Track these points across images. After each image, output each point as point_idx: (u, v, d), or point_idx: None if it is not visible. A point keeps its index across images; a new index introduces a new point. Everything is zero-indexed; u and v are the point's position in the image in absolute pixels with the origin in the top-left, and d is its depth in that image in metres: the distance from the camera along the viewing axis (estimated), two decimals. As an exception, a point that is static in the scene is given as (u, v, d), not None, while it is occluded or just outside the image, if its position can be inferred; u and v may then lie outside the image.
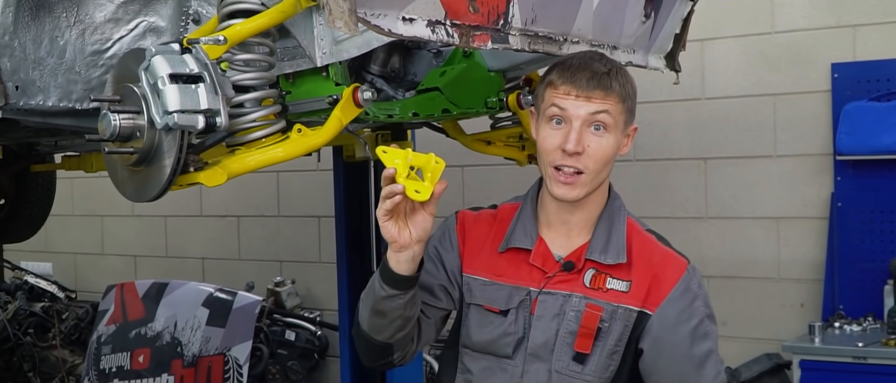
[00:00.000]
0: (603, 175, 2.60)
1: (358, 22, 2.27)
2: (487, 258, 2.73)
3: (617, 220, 2.68)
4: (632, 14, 3.31)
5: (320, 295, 7.31)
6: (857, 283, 5.38)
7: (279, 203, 7.47)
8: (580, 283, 2.62)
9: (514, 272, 2.68)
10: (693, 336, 2.60)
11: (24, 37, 2.89)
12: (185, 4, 3.04)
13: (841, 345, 4.86)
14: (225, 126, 2.48)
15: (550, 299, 2.63)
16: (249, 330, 6.38)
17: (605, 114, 2.53)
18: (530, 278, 2.66)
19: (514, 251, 2.70)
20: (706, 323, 2.63)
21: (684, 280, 2.63)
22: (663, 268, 2.65)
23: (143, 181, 2.61)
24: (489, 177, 6.30)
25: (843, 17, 5.50)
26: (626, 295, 2.61)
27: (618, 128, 2.57)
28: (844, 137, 5.32)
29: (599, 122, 2.54)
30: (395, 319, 2.57)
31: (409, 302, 2.54)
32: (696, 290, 2.65)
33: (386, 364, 2.73)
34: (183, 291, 6.76)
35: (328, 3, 2.26)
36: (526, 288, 2.66)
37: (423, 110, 3.43)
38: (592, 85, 2.53)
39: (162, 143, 2.52)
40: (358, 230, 5.23)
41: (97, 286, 7.88)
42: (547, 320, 2.62)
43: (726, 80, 5.72)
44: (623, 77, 2.59)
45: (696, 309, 2.63)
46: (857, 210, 5.40)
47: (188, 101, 2.41)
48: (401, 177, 2.34)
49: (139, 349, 6.68)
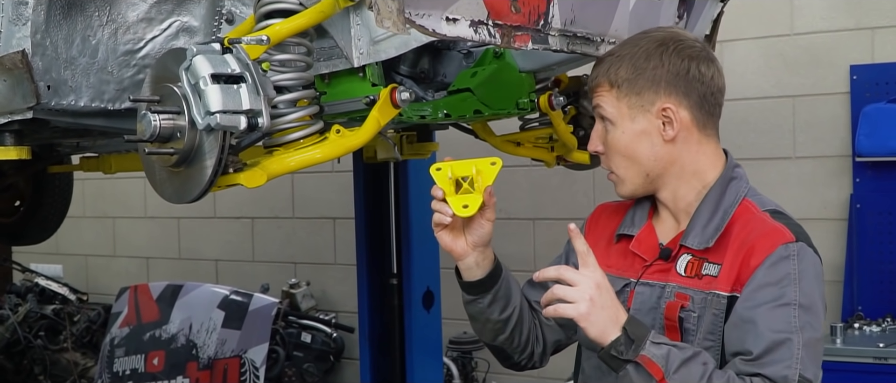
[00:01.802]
0: (642, 166, 2.43)
1: (405, 22, 2.25)
2: (604, 248, 2.58)
3: (726, 201, 2.42)
4: (666, 14, 3.30)
5: (335, 298, 7.29)
6: (876, 284, 5.35)
7: (294, 204, 7.46)
8: (675, 272, 2.41)
9: (621, 262, 2.54)
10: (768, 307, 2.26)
11: (56, 36, 2.86)
12: (218, 4, 3.03)
13: (862, 346, 4.83)
14: (267, 126, 2.46)
15: (647, 291, 2.44)
16: (266, 332, 6.36)
17: (600, 107, 2.45)
18: (631, 268, 2.50)
19: (625, 240, 2.56)
20: (792, 310, 2.25)
21: (777, 254, 2.28)
22: (759, 241, 2.31)
23: (184, 182, 2.59)
24: (506, 179, 6.28)
25: (862, 20, 5.48)
26: (717, 280, 2.33)
27: (623, 117, 2.42)
28: (863, 139, 5.31)
29: (602, 117, 2.46)
30: (486, 322, 2.56)
31: (492, 305, 2.52)
32: (791, 270, 2.27)
33: (514, 365, 2.70)
34: (198, 293, 6.74)
35: (376, 3, 2.25)
36: (625, 279, 2.49)
37: (454, 111, 3.42)
38: (591, 78, 2.48)
39: (203, 144, 2.49)
40: (379, 232, 5.22)
41: (109, 288, 7.87)
42: (643, 314, 2.41)
43: (745, 81, 5.71)
44: (617, 60, 2.43)
45: (784, 292, 2.26)
46: (876, 211, 5.38)
47: (230, 102, 2.39)
48: (449, 195, 2.34)
49: (154, 351, 6.66)
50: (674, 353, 2.20)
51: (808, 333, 2.24)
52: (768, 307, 2.24)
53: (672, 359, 2.19)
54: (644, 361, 2.18)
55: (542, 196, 6.33)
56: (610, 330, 2.21)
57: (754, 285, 2.27)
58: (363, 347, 5.30)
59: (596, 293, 2.21)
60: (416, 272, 5.12)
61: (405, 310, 5.16)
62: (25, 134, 3.15)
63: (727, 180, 2.46)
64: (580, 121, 3.98)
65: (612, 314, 2.22)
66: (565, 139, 3.84)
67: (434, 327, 5.25)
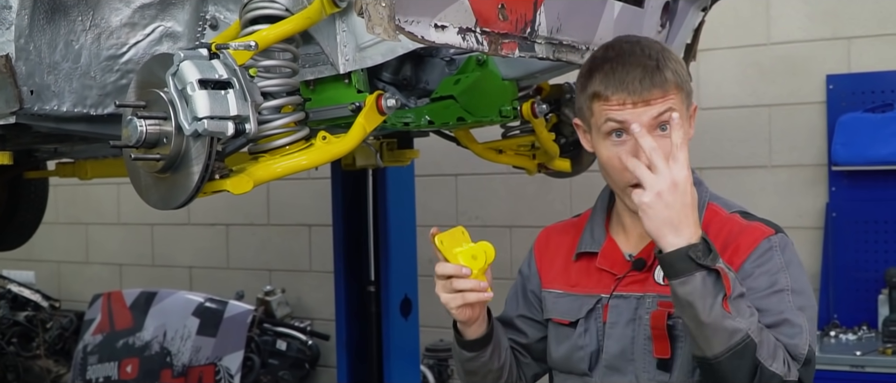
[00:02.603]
0: None
1: (396, 29, 2.25)
2: (562, 269, 2.59)
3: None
4: (649, 23, 3.31)
5: (311, 305, 7.27)
6: (852, 293, 5.40)
7: (269, 211, 7.43)
8: (653, 282, 2.39)
9: (587, 280, 2.51)
10: (764, 294, 2.27)
11: (40, 40, 2.84)
12: (202, 10, 3.02)
13: (838, 354, 4.87)
14: (254, 132, 2.46)
15: (623, 303, 2.42)
16: (241, 339, 6.35)
17: (670, 111, 2.28)
18: (600, 284, 2.47)
19: (585, 258, 2.54)
20: (787, 295, 2.28)
21: (762, 247, 2.33)
22: (741, 239, 2.35)
23: (169, 188, 2.57)
24: (484, 187, 6.31)
25: (839, 29, 5.53)
26: None
27: (684, 119, 2.31)
28: (840, 148, 5.34)
29: (665, 122, 2.29)
30: (487, 373, 2.56)
31: (493, 355, 2.52)
32: (778, 260, 2.32)
33: None
34: (172, 300, 6.73)
35: (368, 10, 2.24)
36: (596, 296, 2.47)
37: (438, 118, 3.41)
38: (647, 85, 2.29)
39: (190, 150, 2.47)
40: (356, 239, 5.21)
41: (81, 295, 7.83)
42: (621, 327, 2.41)
43: (722, 90, 5.73)
44: (672, 59, 2.35)
45: (776, 279, 2.29)
46: (852, 220, 5.42)
47: (218, 107, 2.38)
48: (479, 273, 2.34)
49: (127, 359, 6.64)
50: (736, 281, 2.16)
51: (808, 312, 2.29)
52: (764, 294, 2.26)
53: (736, 285, 2.15)
54: (722, 272, 2.13)
55: (518, 204, 6.33)
56: (666, 233, 2.13)
57: (745, 278, 2.27)
58: (340, 354, 5.28)
59: (668, 190, 2.13)
60: (394, 279, 5.11)
61: (383, 318, 5.14)
62: (7, 139, 3.13)
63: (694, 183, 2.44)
64: (561, 129, 3.98)
65: (675, 217, 2.13)
66: (547, 147, 3.84)
67: (412, 334, 5.24)
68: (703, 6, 3.73)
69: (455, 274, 2.31)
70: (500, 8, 2.58)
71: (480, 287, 2.32)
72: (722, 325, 2.11)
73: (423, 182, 5.29)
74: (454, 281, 2.32)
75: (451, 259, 2.33)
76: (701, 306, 2.10)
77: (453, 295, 2.34)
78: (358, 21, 2.62)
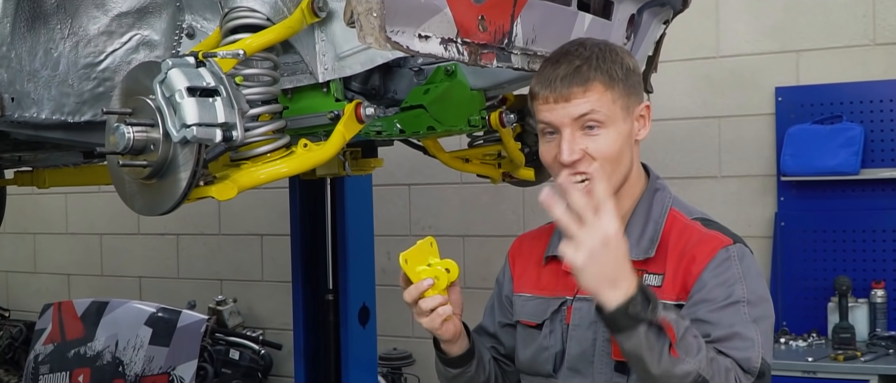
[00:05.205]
0: (619, 172, 2.38)
1: (387, 39, 2.30)
2: (533, 273, 2.61)
3: (654, 211, 2.44)
4: (616, 35, 3.39)
5: (263, 314, 7.28)
6: (801, 301, 5.52)
7: (220, 221, 7.43)
8: None
9: (554, 283, 2.53)
10: (718, 306, 2.28)
11: (21, 48, 2.86)
12: (179, 19, 3.05)
13: (790, 360, 4.97)
14: (241, 139, 2.49)
15: (585, 306, 2.41)
16: (195, 349, 6.30)
17: (591, 111, 2.30)
18: (566, 286, 2.48)
19: (554, 262, 2.54)
20: (742, 307, 2.28)
21: (719, 257, 2.31)
22: (698, 248, 2.33)
23: (155, 195, 2.59)
24: (437, 196, 6.36)
25: (787, 43, 5.65)
26: (660, 290, 2.32)
27: (616, 119, 2.33)
28: (788, 159, 5.46)
29: (590, 121, 2.31)
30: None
31: (478, 368, 2.57)
32: (735, 271, 2.31)
33: None
34: (124, 310, 6.66)
35: (360, 20, 2.29)
36: (561, 298, 2.50)
37: (408, 127, 3.46)
38: (567, 83, 2.30)
39: (177, 157, 2.50)
40: (314, 248, 5.23)
41: (29, 305, 7.78)
42: (583, 329, 2.43)
43: (673, 102, 5.83)
44: (608, 60, 2.34)
45: (732, 291, 2.29)
46: (800, 229, 5.55)
47: (206, 114, 2.40)
48: (442, 285, 2.39)
49: (79, 369, 6.57)
50: (678, 321, 2.17)
51: (762, 324, 2.28)
52: (718, 306, 2.26)
53: (679, 326, 2.16)
54: (664, 323, 2.13)
55: (471, 213, 6.38)
56: (604, 289, 2.11)
57: (701, 289, 2.29)
58: (298, 364, 5.29)
59: (600, 247, 2.08)
60: (352, 288, 5.12)
61: (341, 326, 5.16)
62: (-15, 146, 3.14)
63: (653, 191, 2.49)
64: (525, 138, 4.05)
65: (610, 272, 2.10)
66: (514, 156, 3.91)
67: (370, 343, 5.26)
68: (665, 19, 3.82)
69: (417, 297, 2.37)
70: (480, 19, 2.64)
71: (443, 301, 2.38)
72: (672, 372, 2.13)
73: (378, 191, 5.32)
74: (420, 303, 2.37)
75: (414, 277, 2.39)
76: (649, 358, 2.13)
77: (431, 317, 2.38)
78: (337, 31, 2.69)
